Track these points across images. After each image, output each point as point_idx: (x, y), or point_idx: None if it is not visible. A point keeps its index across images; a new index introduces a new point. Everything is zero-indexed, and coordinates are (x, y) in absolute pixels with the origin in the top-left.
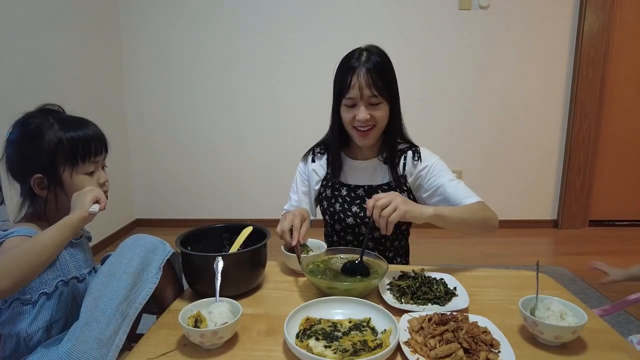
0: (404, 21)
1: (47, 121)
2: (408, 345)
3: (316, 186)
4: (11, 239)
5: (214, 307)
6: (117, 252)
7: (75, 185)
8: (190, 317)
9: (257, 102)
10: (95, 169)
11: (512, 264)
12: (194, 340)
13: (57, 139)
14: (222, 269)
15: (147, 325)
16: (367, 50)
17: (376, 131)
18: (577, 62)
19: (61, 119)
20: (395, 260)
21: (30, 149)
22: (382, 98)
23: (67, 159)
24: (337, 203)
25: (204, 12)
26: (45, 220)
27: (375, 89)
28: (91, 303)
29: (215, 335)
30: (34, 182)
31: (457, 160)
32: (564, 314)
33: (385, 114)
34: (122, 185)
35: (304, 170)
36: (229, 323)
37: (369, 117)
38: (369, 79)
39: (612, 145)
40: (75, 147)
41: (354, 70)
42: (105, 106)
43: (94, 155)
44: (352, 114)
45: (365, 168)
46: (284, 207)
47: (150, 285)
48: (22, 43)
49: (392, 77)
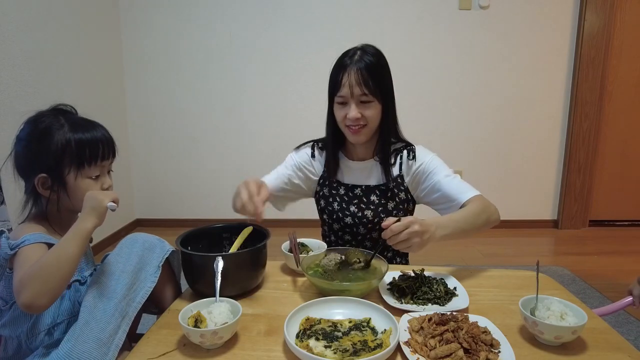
0: (404, 21)
1: (58, 121)
2: (408, 345)
3: (313, 182)
4: (27, 247)
5: (214, 307)
6: (116, 252)
7: (79, 188)
8: (190, 317)
9: (257, 102)
10: (100, 174)
11: (512, 264)
12: (194, 340)
13: (65, 140)
14: (222, 269)
15: (147, 325)
16: (361, 50)
17: (368, 130)
18: (577, 62)
19: (72, 120)
20: (395, 260)
21: (38, 148)
22: (373, 97)
23: (73, 161)
24: (335, 202)
25: (205, 12)
26: (47, 220)
27: (365, 87)
28: (90, 303)
29: (215, 335)
30: (38, 182)
31: (457, 160)
32: (564, 314)
33: (377, 113)
34: (122, 185)
35: (298, 160)
36: (228, 323)
37: (359, 116)
38: (359, 77)
39: (612, 145)
40: (82, 149)
41: (346, 69)
42: (106, 106)
43: (101, 160)
44: (343, 112)
45: (361, 169)
46: (264, 177)
47: (149, 284)
48: (22, 43)
49: (385, 76)
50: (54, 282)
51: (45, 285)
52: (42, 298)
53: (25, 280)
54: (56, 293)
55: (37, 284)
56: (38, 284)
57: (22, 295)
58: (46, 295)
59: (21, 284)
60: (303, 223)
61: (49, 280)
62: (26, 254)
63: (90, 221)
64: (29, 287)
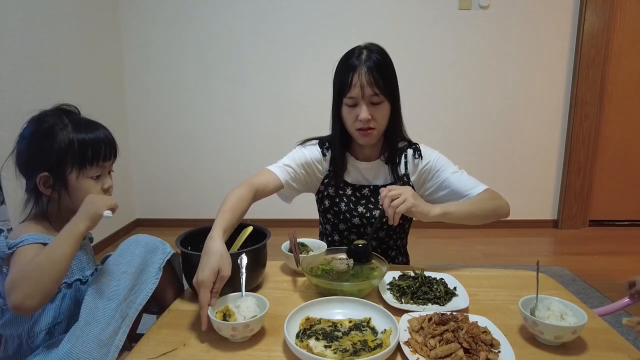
0: (404, 21)
1: (62, 121)
2: (408, 345)
3: (318, 181)
4: (24, 248)
5: (241, 301)
6: (117, 253)
7: (80, 188)
8: (218, 311)
9: (257, 102)
10: (101, 174)
11: (512, 264)
12: (225, 333)
13: (68, 140)
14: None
15: (147, 325)
16: (367, 49)
17: (377, 131)
18: (577, 62)
19: (75, 120)
20: (397, 260)
21: (41, 147)
22: (383, 97)
23: (75, 161)
24: (342, 203)
25: (205, 12)
26: (47, 219)
27: (377, 87)
28: (91, 303)
29: (247, 327)
30: (40, 180)
31: (457, 160)
32: (564, 314)
33: (387, 113)
34: (123, 185)
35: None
36: (257, 316)
37: (370, 117)
38: (370, 77)
39: (612, 145)
40: (85, 149)
41: (355, 69)
42: (106, 106)
43: (102, 160)
44: (354, 114)
45: (368, 169)
46: (268, 167)
47: (150, 285)
48: (22, 43)
49: (393, 75)
50: (44, 283)
51: (35, 286)
52: (32, 299)
53: (16, 280)
54: (47, 294)
55: (27, 285)
56: (28, 285)
57: (12, 296)
58: (36, 297)
59: (12, 284)
60: (303, 223)
61: (39, 282)
62: (22, 254)
63: (83, 224)
64: (19, 288)
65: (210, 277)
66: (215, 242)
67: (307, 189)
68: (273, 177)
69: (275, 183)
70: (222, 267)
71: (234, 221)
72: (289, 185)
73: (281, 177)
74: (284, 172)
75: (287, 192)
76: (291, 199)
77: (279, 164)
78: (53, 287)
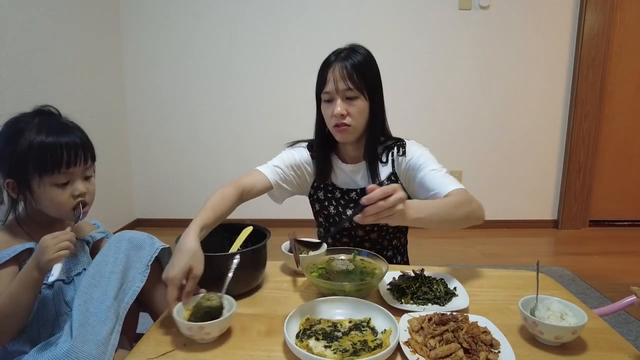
0: (403, 21)
1: (32, 123)
2: (408, 345)
3: (308, 183)
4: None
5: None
6: (103, 251)
7: (44, 195)
8: (187, 309)
9: (256, 103)
10: (69, 181)
11: (512, 264)
12: (184, 332)
13: (28, 143)
14: (222, 268)
15: (147, 325)
16: (347, 48)
17: (353, 128)
18: (577, 62)
19: (45, 122)
20: (395, 259)
21: (7, 150)
22: (358, 92)
23: (36, 166)
24: (332, 206)
25: (204, 13)
26: (19, 225)
27: (350, 82)
28: (82, 306)
29: (202, 330)
30: (7, 185)
31: (457, 161)
32: (564, 314)
33: (364, 110)
34: (122, 185)
35: (299, 158)
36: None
37: (345, 112)
38: (344, 72)
39: (612, 145)
40: (43, 154)
41: (330, 65)
42: (106, 106)
43: (66, 166)
44: (330, 110)
45: (354, 171)
46: (257, 167)
47: (137, 283)
48: (22, 43)
49: (371, 72)
50: (11, 326)
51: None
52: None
53: None
54: (15, 332)
55: None
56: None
57: None
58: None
59: None
60: (303, 223)
61: (7, 324)
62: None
63: (35, 272)
64: None
65: (180, 275)
66: (189, 240)
67: (299, 190)
68: (261, 177)
69: (264, 183)
70: (193, 266)
71: (214, 219)
72: (279, 186)
73: (270, 177)
74: (273, 172)
75: (277, 192)
76: (282, 200)
77: (269, 164)
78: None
